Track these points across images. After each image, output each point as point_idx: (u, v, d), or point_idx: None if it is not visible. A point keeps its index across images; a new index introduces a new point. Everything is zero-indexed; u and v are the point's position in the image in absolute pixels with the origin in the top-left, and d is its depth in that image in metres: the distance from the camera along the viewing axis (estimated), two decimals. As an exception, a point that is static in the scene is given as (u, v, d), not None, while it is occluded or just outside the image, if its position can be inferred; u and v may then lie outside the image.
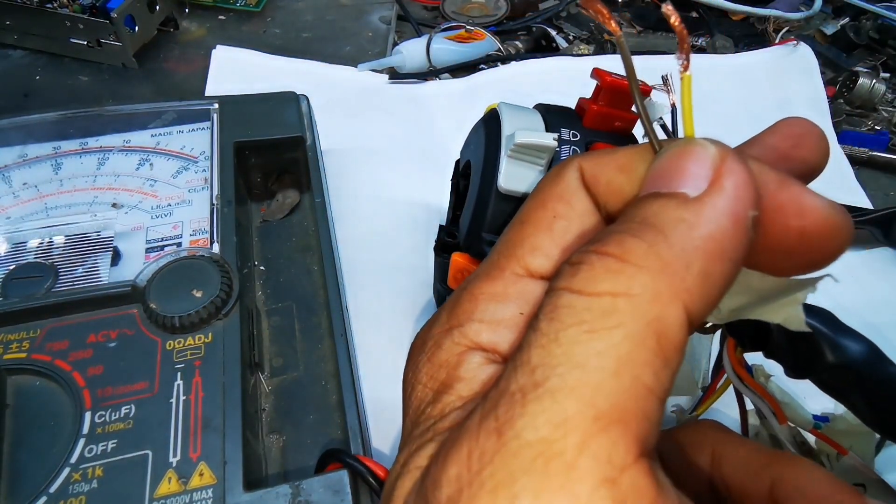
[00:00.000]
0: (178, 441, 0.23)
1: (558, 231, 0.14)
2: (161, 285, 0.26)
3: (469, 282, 0.14)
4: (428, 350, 0.14)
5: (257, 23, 0.53)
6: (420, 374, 0.13)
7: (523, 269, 0.13)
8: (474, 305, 0.13)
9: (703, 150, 0.12)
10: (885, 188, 0.43)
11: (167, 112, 0.35)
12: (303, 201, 0.35)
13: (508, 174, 0.24)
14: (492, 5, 0.55)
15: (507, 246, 0.14)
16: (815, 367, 0.18)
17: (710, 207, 0.12)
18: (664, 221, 0.11)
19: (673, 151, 0.13)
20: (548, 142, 0.23)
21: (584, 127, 0.25)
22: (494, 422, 0.10)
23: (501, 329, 0.13)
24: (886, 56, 0.51)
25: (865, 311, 0.36)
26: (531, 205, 0.14)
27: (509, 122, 0.25)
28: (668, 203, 0.12)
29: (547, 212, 0.14)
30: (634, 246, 0.11)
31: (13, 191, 0.31)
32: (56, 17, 0.45)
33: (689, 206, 0.12)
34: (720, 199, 0.12)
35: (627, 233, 0.11)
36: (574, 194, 0.14)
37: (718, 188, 0.12)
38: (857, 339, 0.18)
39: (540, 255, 0.13)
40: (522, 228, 0.14)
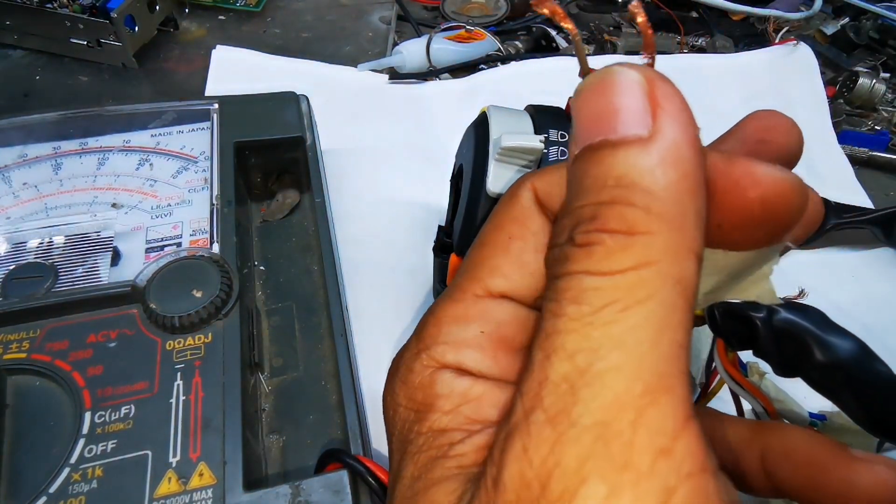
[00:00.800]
0: (178, 441, 0.23)
1: (514, 251, 0.14)
2: (161, 285, 0.26)
3: (436, 305, 0.15)
4: (401, 375, 0.15)
5: (257, 23, 0.53)
6: (398, 397, 0.14)
7: (483, 290, 0.14)
8: (438, 329, 0.14)
9: (625, 79, 0.12)
10: (885, 188, 0.43)
11: (167, 112, 0.35)
12: (303, 201, 0.35)
13: (497, 177, 0.24)
14: (492, 5, 0.55)
15: (468, 268, 0.15)
16: (803, 366, 0.18)
17: (671, 143, 0.11)
18: (640, 176, 0.11)
19: (594, 88, 0.12)
20: (534, 144, 0.23)
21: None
22: (544, 414, 0.11)
23: (464, 349, 0.14)
24: (886, 56, 0.51)
25: (865, 312, 0.36)
26: (489, 227, 0.15)
27: (497, 125, 0.25)
28: (629, 153, 0.11)
29: (503, 234, 0.14)
30: (633, 215, 0.11)
31: (13, 191, 0.31)
32: (56, 17, 0.45)
33: (650, 149, 0.11)
34: (673, 129, 0.11)
35: (618, 202, 0.11)
36: (528, 214, 0.14)
37: (667, 118, 0.11)
38: (845, 338, 0.18)
39: (498, 276, 0.14)
40: (482, 251, 0.15)
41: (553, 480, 0.10)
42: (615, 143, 0.11)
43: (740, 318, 0.18)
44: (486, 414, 0.13)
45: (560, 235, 0.12)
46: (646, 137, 0.11)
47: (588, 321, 0.11)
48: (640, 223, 0.11)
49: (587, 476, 0.10)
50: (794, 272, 0.35)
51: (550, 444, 0.10)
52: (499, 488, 0.11)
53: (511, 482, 0.11)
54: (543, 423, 0.11)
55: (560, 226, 0.12)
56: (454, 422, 0.13)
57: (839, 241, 0.38)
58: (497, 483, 0.11)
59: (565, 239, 0.12)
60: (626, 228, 0.11)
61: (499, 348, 0.14)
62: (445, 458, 0.13)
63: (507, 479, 0.11)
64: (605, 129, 0.12)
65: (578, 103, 0.12)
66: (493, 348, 0.14)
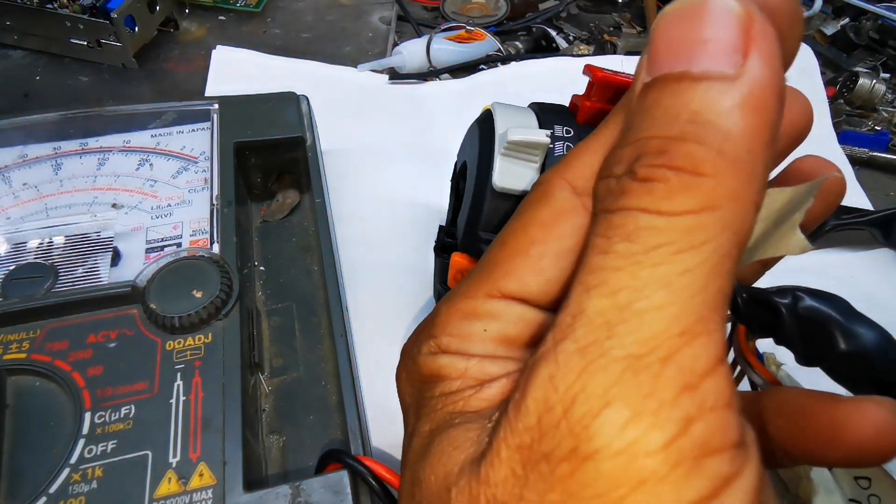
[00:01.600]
0: (178, 441, 0.23)
1: (534, 257, 0.14)
2: (161, 286, 0.26)
3: (450, 296, 0.15)
4: (412, 354, 0.15)
5: (257, 23, 0.53)
6: (412, 373, 0.15)
7: (496, 290, 0.14)
8: (448, 320, 0.15)
9: (721, 7, 0.11)
10: (885, 188, 0.43)
11: (167, 112, 0.35)
12: (303, 201, 0.35)
13: (503, 172, 0.24)
14: (492, 6, 0.55)
15: (485, 266, 0.15)
16: (826, 355, 0.18)
17: (758, 86, 0.11)
18: (718, 116, 0.11)
19: (683, 12, 0.11)
20: (541, 138, 0.23)
21: (578, 123, 0.25)
22: (574, 344, 0.11)
23: (466, 342, 0.14)
24: (887, 56, 0.51)
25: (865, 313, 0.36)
26: (513, 227, 0.15)
27: (502, 120, 0.25)
28: (711, 89, 0.11)
29: (526, 237, 0.14)
30: (704, 155, 0.10)
31: (13, 191, 0.31)
32: (56, 17, 0.45)
33: (735, 89, 0.11)
34: (763, 72, 0.11)
35: (689, 139, 0.11)
36: (558, 218, 0.14)
37: (758, 59, 0.11)
38: (870, 328, 0.18)
39: (513, 280, 0.14)
40: (501, 251, 0.15)
41: (577, 404, 0.10)
42: (697, 76, 0.11)
43: (764, 303, 0.17)
44: (492, 371, 0.14)
45: (616, 166, 0.11)
46: (731, 75, 0.11)
47: (637, 260, 0.10)
48: (709, 165, 0.10)
49: (611, 400, 0.10)
50: (794, 273, 0.35)
51: (578, 371, 0.10)
52: (521, 412, 0.11)
53: (534, 405, 0.11)
54: (573, 353, 0.11)
55: (617, 156, 0.12)
56: (464, 384, 0.14)
57: (838, 243, 0.38)
58: (520, 407, 0.11)
59: (623, 170, 0.11)
60: (693, 168, 0.10)
61: (502, 345, 0.14)
62: (461, 409, 0.13)
63: (530, 403, 0.11)
64: (687, 58, 0.11)
65: (661, 25, 0.12)
66: (496, 344, 0.14)
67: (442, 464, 0.12)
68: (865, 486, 0.19)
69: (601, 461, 0.10)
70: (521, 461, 0.11)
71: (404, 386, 0.16)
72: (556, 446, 0.10)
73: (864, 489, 0.19)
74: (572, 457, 0.10)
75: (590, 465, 0.10)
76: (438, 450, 0.13)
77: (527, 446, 0.11)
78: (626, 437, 0.10)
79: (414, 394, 0.15)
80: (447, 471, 0.12)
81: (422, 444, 0.13)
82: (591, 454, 0.10)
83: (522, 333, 0.14)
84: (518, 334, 0.14)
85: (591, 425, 0.10)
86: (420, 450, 0.13)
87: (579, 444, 0.10)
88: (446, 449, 0.13)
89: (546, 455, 0.11)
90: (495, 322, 0.14)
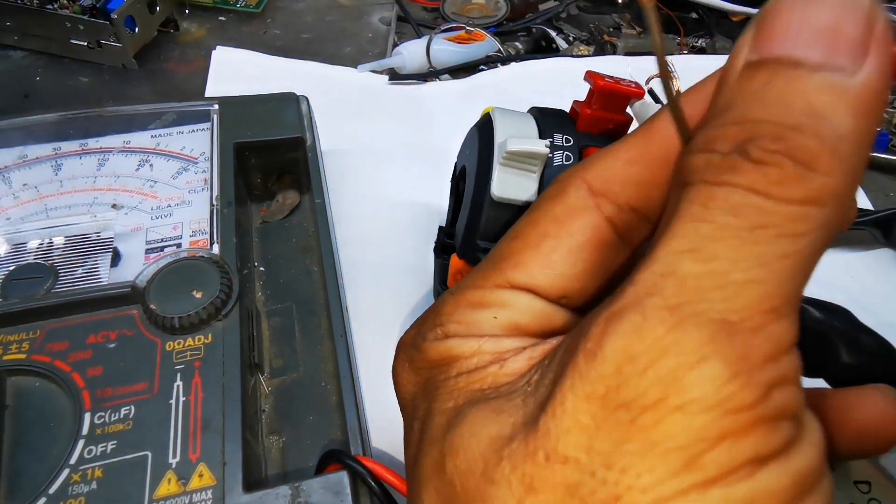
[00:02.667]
0: (178, 442, 0.23)
1: (545, 250, 0.14)
2: (161, 286, 0.26)
3: (457, 287, 0.15)
4: (416, 343, 0.15)
5: (257, 24, 0.53)
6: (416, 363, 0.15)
7: (505, 281, 0.14)
8: (455, 308, 0.15)
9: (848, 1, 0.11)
10: (885, 188, 0.43)
11: (167, 113, 0.35)
12: (303, 202, 0.35)
13: (501, 182, 0.24)
14: (492, 6, 0.55)
15: (495, 258, 0.15)
16: (829, 366, 0.18)
17: (874, 89, 0.11)
18: (835, 114, 0.10)
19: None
20: (540, 149, 0.23)
21: (578, 131, 0.25)
22: (663, 301, 0.11)
23: (474, 328, 0.14)
24: (886, 57, 0.51)
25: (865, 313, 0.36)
26: (525, 221, 0.15)
27: (502, 128, 0.25)
28: (831, 84, 0.11)
29: (538, 230, 0.15)
30: (820, 150, 0.10)
31: (13, 192, 0.31)
32: (56, 18, 0.45)
33: (853, 89, 0.11)
34: (879, 76, 0.11)
35: (807, 132, 0.11)
36: (571, 213, 0.14)
37: (878, 61, 0.11)
38: (873, 339, 0.18)
39: (523, 271, 0.14)
40: (512, 244, 0.15)
41: (669, 355, 0.10)
42: (815, 65, 0.11)
43: None
44: (507, 346, 0.14)
45: (720, 141, 0.11)
46: (849, 71, 0.10)
47: (739, 234, 0.11)
48: (824, 161, 0.10)
49: (708, 356, 0.10)
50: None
51: (669, 325, 0.10)
52: (597, 360, 0.11)
53: (614, 355, 0.11)
54: (661, 308, 0.11)
55: (720, 132, 0.11)
56: (482, 360, 0.14)
57: (838, 242, 0.38)
58: (594, 355, 0.11)
59: (730, 148, 0.11)
60: (809, 161, 0.10)
61: (512, 332, 0.14)
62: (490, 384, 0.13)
63: (609, 352, 0.11)
64: (807, 44, 0.11)
65: (780, 4, 0.11)
66: (506, 331, 0.14)
67: (485, 429, 0.12)
68: (865, 491, 0.19)
69: (694, 413, 0.10)
70: (591, 411, 0.11)
71: (407, 377, 0.15)
72: (640, 395, 0.10)
73: (864, 493, 0.19)
74: (659, 406, 0.10)
75: (679, 416, 0.10)
76: (476, 417, 0.12)
77: (600, 395, 0.11)
78: (723, 392, 0.10)
79: (421, 382, 0.15)
80: (493, 434, 0.12)
81: (448, 418, 0.13)
82: (683, 405, 0.10)
83: (531, 323, 0.14)
84: (527, 323, 0.14)
85: (686, 377, 0.10)
86: (446, 424, 0.13)
87: (669, 394, 0.10)
88: (488, 415, 0.12)
89: (625, 404, 0.10)
90: (504, 310, 0.14)
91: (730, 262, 0.11)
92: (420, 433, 0.14)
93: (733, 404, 0.10)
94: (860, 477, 0.19)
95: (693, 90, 0.14)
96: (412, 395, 0.15)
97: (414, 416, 0.15)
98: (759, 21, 0.12)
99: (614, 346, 0.11)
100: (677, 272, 0.11)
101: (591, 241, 0.14)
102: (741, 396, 0.10)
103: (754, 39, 0.12)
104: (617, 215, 0.14)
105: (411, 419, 0.15)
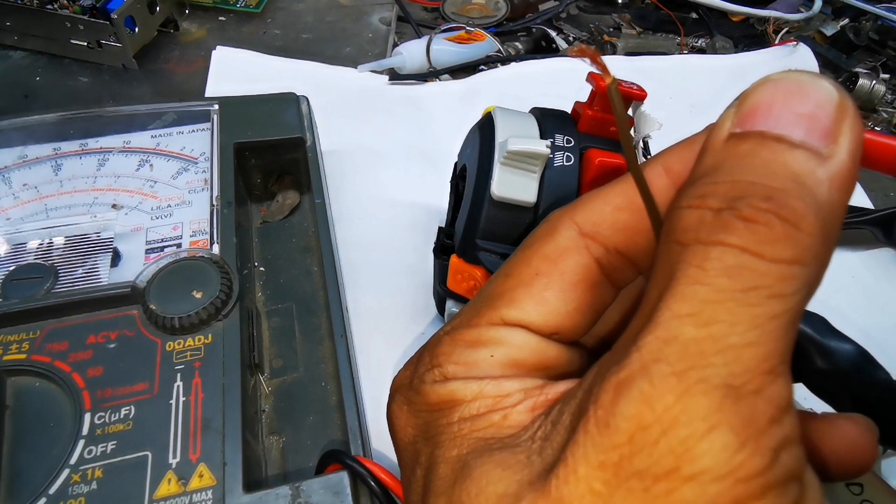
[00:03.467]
0: (178, 442, 0.23)
1: (537, 288, 0.15)
2: (161, 286, 0.26)
3: (450, 326, 0.16)
4: (414, 385, 0.15)
5: (257, 24, 0.53)
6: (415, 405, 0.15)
7: (500, 319, 0.15)
8: (452, 348, 0.15)
9: (822, 92, 0.12)
10: (885, 188, 0.43)
11: (167, 113, 0.35)
12: (303, 202, 0.35)
13: (501, 181, 0.24)
14: (492, 6, 0.55)
15: (488, 297, 0.16)
16: (804, 372, 0.18)
17: (845, 170, 0.12)
18: (815, 181, 0.12)
19: (790, 84, 0.12)
20: (540, 149, 0.23)
21: (579, 132, 0.25)
22: (669, 367, 0.11)
23: (473, 368, 0.15)
24: (886, 57, 0.51)
25: (865, 312, 0.36)
26: (517, 259, 0.16)
27: (503, 127, 0.25)
28: (807, 159, 0.12)
29: (530, 269, 0.15)
30: (805, 212, 0.11)
31: (13, 192, 0.31)
32: (56, 18, 0.45)
33: (827, 166, 0.12)
34: (848, 159, 0.12)
35: (792, 195, 0.11)
36: (562, 253, 0.15)
37: (847, 146, 0.12)
38: (847, 344, 0.18)
39: (516, 309, 0.15)
40: (505, 282, 0.15)
41: (679, 425, 0.11)
42: (796, 143, 0.12)
43: None
44: (509, 388, 0.14)
45: (710, 198, 0.12)
46: (823, 154, 0.12)
47: (734, 297, 0.11)
48: (808, 223, 0.11)
49: (716, 425, 0.10)
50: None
51: (677, 394, 0.11)
52: (609, 428, 0.11)
53: (626, 423, 0.11)
54: (668, 375, 0.11)
55: (709, 189, 0.12)
56: (484, 406, 0.14)
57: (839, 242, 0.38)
58: (606, 424, 0.11)
59: (720, 205, 0.12)
60: (796, 221, 0.11)
61: (510, 369, 0.15)
62: (493, 435, 0.13)
63: (621, 421, 0.11)
64: (787, 125, 0.12)
65: (765, 88, 0.13)
66: (504, 369, 0.15)
67: (492, 485, 0.12)
68: (857, 493, 0.19)
69: (706, 483, 0.10)
70: (604, 478, 0.11)
71: (405, 420, 0.16)
72: (653, 464, 0.11)
73: (856, 495, 0.19)
74: (672, 476, 0.11)
75: (691, 486, 0.10)
76: (483, 473, 0.13)
77: (613, 463, 0.11)
78: (734, 461, 0.10)
79: (421, 425, 0.15)
80: (500, 492, 0.12)
81: (453, 469, 0.13)
82: (696, 475, 0.10)
83: (528, 358, 0.15)
84: (524, 359, 0.15)
85: (697, 447, 0.10)
86: (453, 475, 0.13)
87: (681, 464, 0.11)
88: (494, 471, 0.13)
89: (638, 473, 0.11)
90: (501, 347, 0.15)
91: (728, 326, 0.11)
92: (424, 481, 0.14)
93: (744, 472, 0.10)
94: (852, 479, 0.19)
95: (679, 148, 0.15)
96: (412, 439, 0.15)
97: (416, 461, 0.15)
98: (742, 101, 0.13)
99: (626, 415, 0.11)
100: (679, 337, 0.11)
101: (582, 280, 0.15)
102: (751, 464, 0.10)
103: (738, 115, 0.13)
104: (604, 257, 0.15)
105: (412, 464, 0.15)
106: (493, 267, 0.25)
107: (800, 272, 0.11)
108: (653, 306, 0.12)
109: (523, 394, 0.14)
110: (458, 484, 0.13)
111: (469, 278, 0.26)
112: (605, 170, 0.23)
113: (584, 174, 0.24)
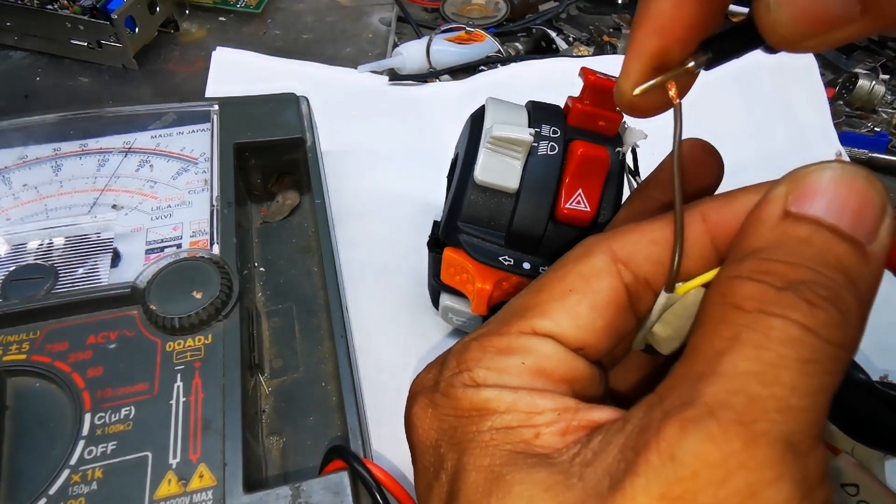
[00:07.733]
0: (178, 442, 0.23)
1: (571, 303, 0.16)
2: (161, 287, 0.26)
3: (479, 334, 0.16)
4: (442, 388, 0.16)
5: (257, 24, 0.53)
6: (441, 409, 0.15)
7: (530, 328, 0.16)
8: (482, 354, 0.16)
9: (873, 192, 0.14)
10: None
11: (167, 113, 0.35)
12: (303, 202, 0.35)
13: (485, 166, 0.24)
14: (492, 7, 0.55)
15: (519, 309, 0.16)
16: None
17: (880, 264, 0.14)
18: (859, 276, 0.13)
19: (847, 180, 0.14)
20: (523, 136, 0.23)
21: (568, 125, 0.25)
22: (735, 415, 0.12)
23: (504, 375, 0.15)
24: (886, 58, 0.51)
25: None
26: (551, 276, 0.16)
27: (492, 116, 0.25)
28: (854, 252, 0.13)
29: (563, 285, 0.16)
30: (855, 308, 0.13)
31: (13, 192, 0.31)
32: (57, 18, 0.45)
33: (868, 260, 0.13)
34: (883, 255, 0.14)
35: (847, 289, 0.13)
36: (596, 274, 0.16)
37: (885, 243, 0.14)
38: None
39: (547, 320, 0.16)
40: (537, 296, 0.16)
41: (746, 470, 0.12)
42: (845, 234, 0.13)
43: None
44: (542, 405, 0.14)
45: (771, 276, 0.13)
46: (863, 245, 0.13)
47: (796, 366, 0.12)
48: (855, 315, 0.13)
49: (782, 476, 0.12)
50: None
51: (744, 441, 0.12)
52: (674, 462, 0.12)
53: (692, 459, 0.12)
54: (735, 422, 0.12)
55: (770, 266, 0.13)
56: (516, 419, 0.14)
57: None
58: (672, 457, 0.12)
59: (783, 285, 0.13)
60: (847, 312, 0.13)
61: (540, 377, 0.15)
62: (525, 450, 0.14)
63: (686, 455, 0.12)
64: (841, 218, 0.14)
65: (825, 176, 0.14)
66: (534, 377, 0.15)
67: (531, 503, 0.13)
68: (853, 493, 0.19)
69: None
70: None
71: (428, 422, 0.16)
72: (718, 502, 0.12)
73: (852, 496, 0.19)
74: None
75: None
76: (524, 489, 0.13)
77: (675, 496, 0.12)
78: None
79: (446, 430, 0.15)
80: None
81: (486, 478, 0.14)
82: None
83: (556, 369, 0.15)
84: (553, 369, 0.15)
85: (763, 493, 0.12)
86: (486, 485, 0.14)
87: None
88: (535, 489, 0.13)
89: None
90: (531, 356, 0.15)
91: (788, 389, 0.12)
92: (450, 486, 0.14)
93: None
94: (848, 480, 0.19)
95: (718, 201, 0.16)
96: (434, 442, 0.15)
97: (440, 465, 0.15)
98: (797, 180, 0.14)
99: (692, 451, 0.12)
100: (745, 390, 0.12)
101: (611, 302, 0.16)
102: None
103: (793, 195, 0.14)
104: (633, 284, 0.16)
105: (434, 468, 0.15)
106: (472, 250, 0.25)
107: (843, 355, 0.13)
108: (711, 359, 0.13)
109: (556, 414, 0.14)
110: (495, 495, 0.13)
111: (462, 271, 0.26)
112: (586, 161, 0.23)
113: (566, 164, 0.24)
